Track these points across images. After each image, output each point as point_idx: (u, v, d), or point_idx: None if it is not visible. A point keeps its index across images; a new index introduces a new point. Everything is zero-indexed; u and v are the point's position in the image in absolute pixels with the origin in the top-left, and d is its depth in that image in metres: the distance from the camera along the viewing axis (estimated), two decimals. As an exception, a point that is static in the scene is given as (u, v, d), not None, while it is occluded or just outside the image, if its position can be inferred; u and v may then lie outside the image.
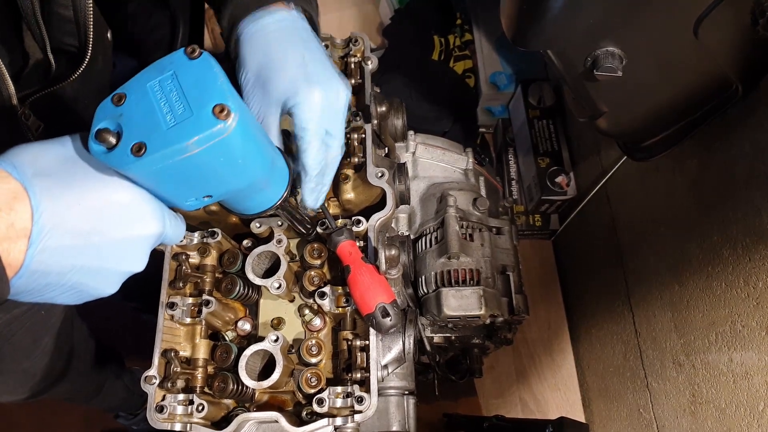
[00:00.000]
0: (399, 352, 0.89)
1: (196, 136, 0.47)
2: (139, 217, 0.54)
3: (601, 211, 1.60)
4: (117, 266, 0.55)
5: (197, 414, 0.77)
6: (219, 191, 0.57)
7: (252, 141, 0.54)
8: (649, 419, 1.34)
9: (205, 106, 0.48)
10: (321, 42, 0.75)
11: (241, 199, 0.65)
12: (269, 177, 0.63)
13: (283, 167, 0.67)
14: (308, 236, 0.84)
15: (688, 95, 0.99)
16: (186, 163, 0.49)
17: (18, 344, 1.01)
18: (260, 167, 0.58)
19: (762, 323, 0.94)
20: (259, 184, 0.62)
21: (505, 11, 0.92)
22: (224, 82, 0.50)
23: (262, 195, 0.65)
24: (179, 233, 0.61)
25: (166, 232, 0.58)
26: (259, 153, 0.57)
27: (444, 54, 2.03)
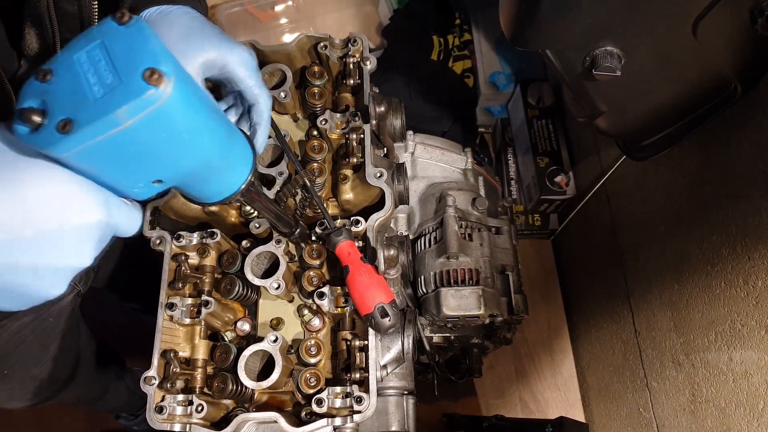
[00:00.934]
0: (398, 352, 0.89)
1: (125, 105, 0.42)
2: (76, 205, 0.47)
3: (600, 211, 1.60)
4: (58, 262, 0.49)
5: (196, 414, 0.77)
6: (169, 174, 0.51)
7: (197, 111, 0.48)
8: (649, 418, 1.34)
9: (134, 71, 0.43)
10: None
11: (198, 185, 0.58)
12: (226, 155, 0.57)
13: (245, 146, 0.61)
14: (291, 236, 0.81)
15: (687, 95, 0.99)
16: (120, 139, 0.44)
17: (27, 351, 1.01)
18: (212, 143, 0.52)
19: (761, 322, 0.94)
20: (215, 163, 0.56)
21: (503, 11, 0.92)
22: (157, 45, 0.45)
23: (222, 178, 0.59)
24: (133, 223, 0.54)
25: (116, 222, 0.51)
26: (209, 126, 0.51)
27: (443, 54, 2.03)
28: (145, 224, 0.87)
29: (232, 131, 0.57)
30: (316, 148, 0.92)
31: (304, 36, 0.99)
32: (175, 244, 0.84)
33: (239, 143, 0.59)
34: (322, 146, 0.92)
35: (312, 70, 0.98)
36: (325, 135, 0.93)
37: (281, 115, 1.02)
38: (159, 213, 0.88)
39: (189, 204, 0.91)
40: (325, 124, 0.92)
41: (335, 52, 1.00)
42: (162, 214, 0.89)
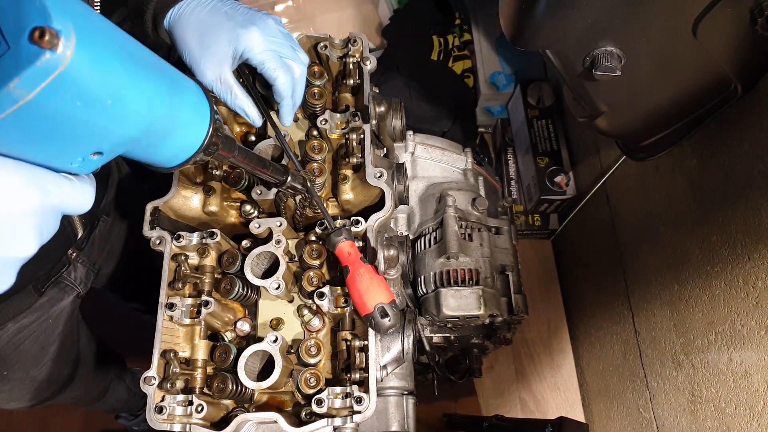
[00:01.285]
0: (398, 353, 0.89)
1: (17, 77, 0.35)
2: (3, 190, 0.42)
3: (600, 211, 1.60)
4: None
5: (196, 414, 0.77)
6: (106, 145, 0.45)
7: (117, 71, 0.41)
8: (649, 419, 1.34)
9: (21, 33, 0.35)
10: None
11: (147, 151, 0.51)
12: (171, 115, 0.49)
13: (196, 100, 0.54)
14: (282, 185, 0.77)
15: (687, 95, 0.99)
16: (26, 115, 0.37)
17: (26, 352, 1.01)
18: (147, 104, 0.46)
19: (761, 323, 0.94)
20: (159, 126, 0.49)
21: (503, 11, 0.92)
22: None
23: (174, 140, 0.52)
24: (83, 198, 0.49)
25: (60, 201, 0.46)
26: (139, 86, 0.44)
27: (443, 54, 2.03)
28: (145, 224, 0.87)
29: (175, 86, 0.50)
30: (316, 148, 0.92)
31: (304, 36, 0.99)
32: (174, 244, 0.84)
33: (188, 98, 0.52)
34: (322, 146, 0.92)
35: (312, 70, 0.98)
36: (325, 135, 0.93)
37: (281, 115, 1.02)
38: (159, 213, 0.88)
39: (189, 204, 0.91)
40: (325, 124, 0.92)
41: (335, 52, 1.00)
42: (162, 214, 0.89)
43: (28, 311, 0.95)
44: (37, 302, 0.96)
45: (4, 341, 0.95)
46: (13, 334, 0.96)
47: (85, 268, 1.06)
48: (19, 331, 0.96)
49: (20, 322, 0.96)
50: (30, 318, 0.97)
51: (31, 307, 0.95)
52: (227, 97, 0.79)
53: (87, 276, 1.07)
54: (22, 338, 0.98)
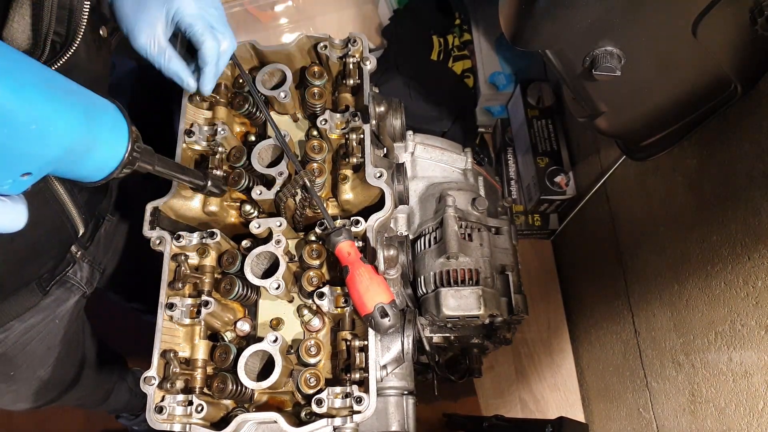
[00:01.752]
0: (398, 353, 0.89)
1: None
2: None
3: (600, 211, 1.60)
4: None
5: (196, 414, 0.77)
6: (33, 166, 0.48)
7: (36, 100, 0.44)
8: (649, 419, 1.34)
9: None
10: None
11: (72, 168, 0.54)
12: (90, 136, 0.53)
13: (115, 118, 0.57)
14: (204, 190, 0.82)
15: (687, 95, 0.99)
16: None
17: (33, 353, 1.02)
18: (68, 128, 0.49)
19: (761, 322, 0.94)
20: (80, 146, 0.52)
21: (503, 11, 0.92)
22: None
23: (94, 158, 0.56)
24: (15, 218, 0.51)
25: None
26: (58, 112, 0.47)
27: (443, 54, 2.03)
28: (145, 224, 0.87)
29: (93, 109, 0.54)
30: (315, 148, 0.92)
31: (303, 36, 0.99)
32: (174, 244, 0.84)
33: (105, 119, 0.56)
34: (321, 146, 0.92)
35: (312, 71, 0.98)
36: (325, 135, 0.93)
37: (281, 115, 1.02)
38: (159, 213, 0.88)
39: (189, 204, 0.91)
40: (325, 124, 0.92)
41: (335, 52, 1.00)
42: (162, 214, 0.89)
43: (35, 310, 0.95)
44: (43, 302, 0.96)
45: (12, 341, 0.95)
46: (20, 334, 0.96)
47: (91, 268, 1.06)
48: (26, 332, 0.97)
49: (27, 322, 0.96)
50: (37, 318, 0.97)
51: (38, 306, 0.95)
52: (161, 61, 0.79)
53: (92, 275, 1.08)
54: (29, 339, 0.98)
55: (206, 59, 0.81)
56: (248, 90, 0.97)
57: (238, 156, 0.93)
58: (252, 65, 1.03)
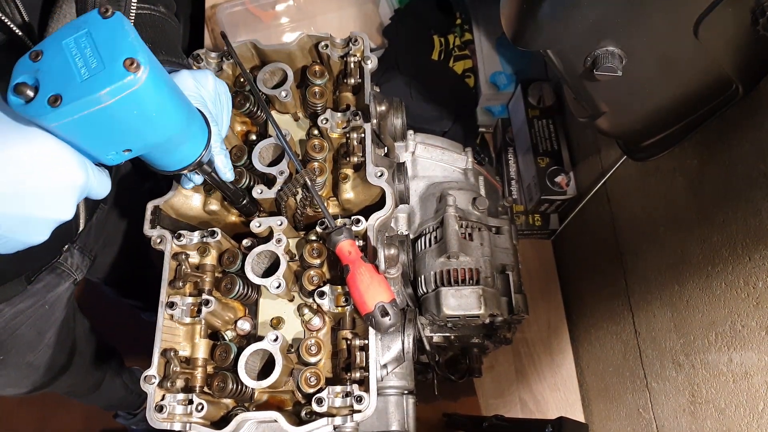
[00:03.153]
0: (398, 352, 0.89)
1: (108, 87, 0.50)
2: (62, 167, 0.56)
3: (600, 211, 1.60)
4: (44, 214, 0.57)
5: (197, 413, 0.77)
6: (137, 145, 0.59)
7: (164, 95, 0.56)
8: (649, 419, 1.34)
9: (116, 59, 0.51)
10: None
11: (160, 155, 0.67)
12: (185, 132, 0.66)
13: (202, 125, 0.70)
14: (239, 204, 0.88)
15: (688, 95, 0.99)
16: (101, 114, 0.51)
17: (22, 338, 1.02)
18: (175, 122, 0.61)
19: (762, 323, 0.94)
20: (176, 139, 0.64)
21: (504, 11, 0.92)
22: (135, 38, 0.53)
23: (180, 151, 0.68)
24: (105, 186, 0.63)
25: (91, 184, 0.60)
26: (173, 107, 0.59)
27: (444, 54, 2.02)
28: (146, 223, 0.87)
29: (192, 113, 0.66)
30: (316, 148, 0.92)
31: (305, 35, 0.99)
32: (175, 242, 0.84)
33: (197, 123, 0.68)
34: (322, 145, 0.92)
35: (313, 70, 0.98)
36: (326, 134, 0.93)
37: (282, 114, 1.02)
38: (160, 212, 0.88)
39: (190, 203, 0.91)
40: (326, 123, 0.92)
41: (336, 52, 1.00)
42: (162, 213, 0.89)
43: (24, 295, 0.96)
44: (32, 287, 0.97)
45: (1, 326, 0.96)
46: (10, 318, 0.96)
47: (81, 254, 1.07)
48: (15, 316, 0.97)
49: (16, 307, 0.96)
50: (26, 303, 0.98)
51: (27, 291, 0.96)
52: None
53: (83, 262, 1.08)
54: (19, 323, 0.99)
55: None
56: (249, 89, 0.97)
57: (239, 155, 0.93)
58: (253, 64, 1.03)
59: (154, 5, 0.85)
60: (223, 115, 0.82)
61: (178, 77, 0.76)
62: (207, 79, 0.79)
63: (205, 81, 0.79)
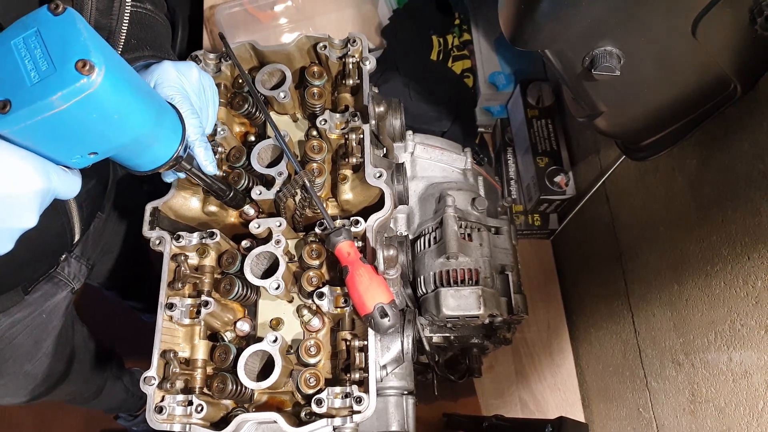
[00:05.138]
0: (398, 353, 0.89)
1: (60, 92, 0.47)
2: (18, 174, 0.53)
3: (600, 211, 1.60)
4: (4, 224, 0.55)
5: (196, 415, 0.77)
6: (102, 148, 0.57)
7: (126, 95, 0.53)
8: (649, 419, 1.34)
9: (68, 61, 0.48)
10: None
11: (131, 156, 0.64)
12: (155, 131, 0.62)
13: (175, 122, 0.67)
14: (225, 198, 0.86)
15: (686, 95, 0.99)
16: (56, 120, 0.49)
17: (20, 347, 1.02)
18: (141, 122, 0.58)
19: (761, 322, 0.94)
20: (145, 139, 0.61)
21: (503, 11, 0.92)
22: (89, 37, 0.50)
23: (152, 151, 0.65)
24: (72, 187, 0.60)
25: (56, 187, 0.57)
26: (138, 108, 0.56)
27: (442, 54, 2.03)
28: (145, 224, 0.87)
29: (162, 111, 0.64)
30: (315, 149, 0.92)
31: (303, 36, 0.99)
32: (174, 244, 0.84)
33: (169, 120, 0.66)
34: (321, 146, 0.92)
35: (311, 71, 0.98)
36: (325, 135, 0.93)
37: (280, 115, 1.02)
38: (158, 213, 0.88)
39: (189, 204, 0.91)
40: (325, 124, 0.92)
41: (334, 52, 1.00)
42: (161, 215, 0.89)
43: (21, 305, 0.96)
44: (29, 297, 0.97)
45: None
46: (7, 328, 0.96)
47: (79, 264, 1.07)
48: (12, 326, 0.97)
49: (13, 317, 0.96)
50: (23, 312, 0.98)
51: (24, 301, 0.96)
52: None
53: (80, 271, 1.08)
54: (16, 332, 0.99)
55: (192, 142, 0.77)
56: (248, 90, 0.97)
57: (238, 156, 0.93)
58: (251, 65, 1.03)
59: (141, 2, 0.83)
60: (209, 108, 0.81)
61: (159, 68, 0.74)
62: (191, 71, 0.78)
63: (188, 72, 0.77)
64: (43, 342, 1.08)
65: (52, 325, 1.08)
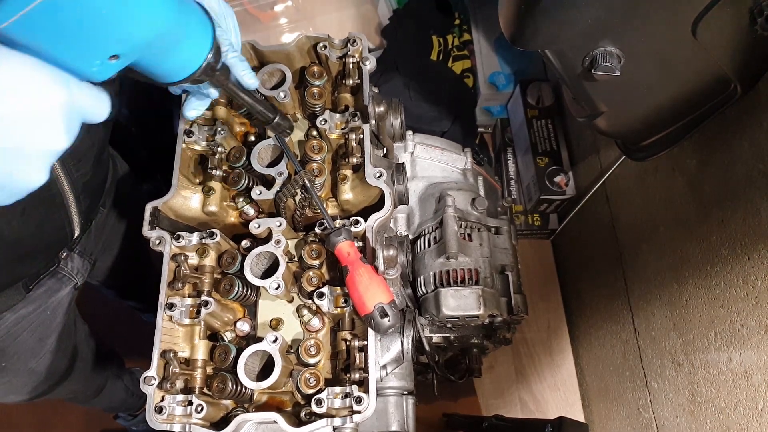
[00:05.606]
0: (398, 353, 0.89)
1: None
2: (35, 85, 0.47)
3: (600, 211, 1.60)
4: (33, 146, 0.49)
5: (196, 415, 0.77)
6: (122, 47, 0.49)
7: None
8: (649, 419, 1.34)
9: None
10: None
11: (157, 61, 0.56)
12: (179, 24, 0.54)
13: (202, 19, 0.59)
14: (270, 122, 0.81)
15: (686, 95, 0.99)
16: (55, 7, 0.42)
17: (24, 344, 1.02)
18: (161, 7, 0.50)
19: (761, 322, 0.94)
20: (170, 34, 0.54)
21: (503, 11, 0.92)
22: None
23: (180, 53, 0.58)
24: (102, 106, 0.53)
25: (81, 103, 0.51)
26: None
27: (442, 54, 2.03)
28: (145, 224, 0.87)
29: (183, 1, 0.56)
30: (315, 148, 0.92)
31: (303, 36, 0.99)
32: (174, 244, 0.84)
33: (194, 13, 0.57)
34: (321, 146, 0.92)
35: (311, 71, 0.98)
36: (325, 135, 0.93)
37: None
38: (158, 213, 0.88)
39: (189, 204, 0.91)
40: (325, 124, 0.92)
41: (335, 52, 1.00)
42: (161, 215, 0.89)
43: (26, 301, 0.96)
44: (33, 293, 0.97)
45: (3, 332, 0.96)
46: (12, 324, 0.96)
47: (82, 259, 1.07)
48: (17, 322, 0.97)
49: (18, 313, 0.96)
50: (28, 309, 0.98)
51: (28, 297, 0.96)
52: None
53: (83, 266, 1.08)
54: (21, 329, 0.99)
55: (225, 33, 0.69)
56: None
57: (238, 156, 0.93)
58: (252, 65, 1.03)
59: None
60: (231, 36, 0.73)
61: None
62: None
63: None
64: (47, 339, 1.08)
65: (56, 322, 1.08)
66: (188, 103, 0.81)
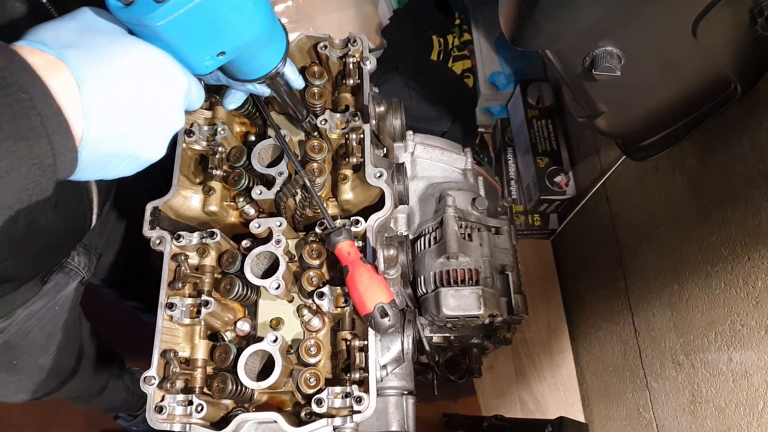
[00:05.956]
0: (398, 352, 0.89)
1: None
2: (170, 73, 0.55)
3: (600, 211, 1.60)
4: (162, 127, 0.56)
5: (196, 414, 0.77)
6: (232, 44, 0.59)
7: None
8: (649, 419, 1.34)
9: None
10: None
11: (246, 59, 0.68)
12: (272, 32, 0.66)
13: (281, 29, 0.70)
14: (302, 120, 0.89)
15: (686, 95, 0.99)
16: (204, 8, 0.52)
17: (35, 341, 1.03)
18: (265, 17, 0.61)
19: (761, 322, 0.94)
20: (263, 39, 0.65)
21: (503, 11, 0.92)
22: None
23: (264, 55, 0.69)
24: (201, 95, 0.63)
25: (192, 93, 0.59)
26: (264, 3, 0.60)
27: (443, 54, 2.03)
28: (145, 224, 0.87)
29: (273, 13, 0.67)
30: (315, 148, 0.92)
31: (303, 36, 0.99)
32: (175, 244, 0.84)
33: (278, 25, 0.69)
34: (321, 146, 0.92)
35: (312, 70, 0.98)
36: (325, 135, 0.93)
37: (281, 114, 1.02)
38: (159, 213, 0.88)
39: (189, 204, 0.91)
40: (325, 124, 0.92)
41: (335, 52, 1.00)
42: (162, 214, 0.89)
43: (37, 296, 0.96)
44: (44, 288, 0.97)
45: (14, 329, 0.96)
46: (23, 321, 0.97)
47: (88, 252, 1.08)
48: (27, 319, 0.98)
49: (28, 309, 0.97)
50: (38, 305, 0.98)
51: (40, 292, 0.96)
52: None
53: (89, 260, 1.09)
54: (31, 326, 0.99)
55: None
56: (248, 90, 0.96)
57: (238, 156, 0.93)
58: (252, 65, 1.03)
59: None
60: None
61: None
62: None
63: None
64: (55, 335, 1.09)
65: (63, 319, 1.09)
66: (230, 96, 0.86)
